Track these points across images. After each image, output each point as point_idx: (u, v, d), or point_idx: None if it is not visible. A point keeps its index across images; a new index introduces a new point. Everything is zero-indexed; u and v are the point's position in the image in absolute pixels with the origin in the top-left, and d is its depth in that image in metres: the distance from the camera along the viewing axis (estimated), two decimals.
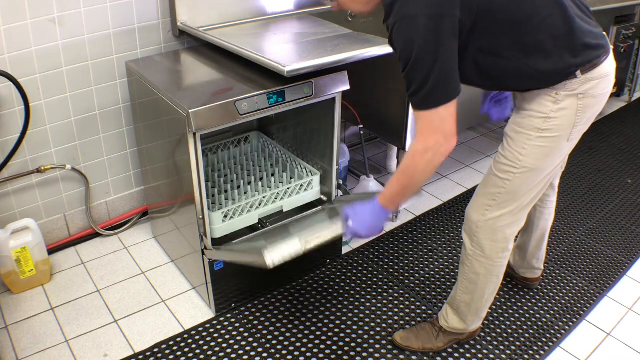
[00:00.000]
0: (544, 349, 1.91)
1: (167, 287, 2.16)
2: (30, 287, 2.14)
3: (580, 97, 1.41)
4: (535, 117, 1.44)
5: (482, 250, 1.64)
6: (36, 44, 1.98)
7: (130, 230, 2.49)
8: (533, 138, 1.46)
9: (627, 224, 2.62)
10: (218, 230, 1.92)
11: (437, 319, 1.90)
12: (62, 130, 2.18)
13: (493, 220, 1.59)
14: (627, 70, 3.67)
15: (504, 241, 1.62)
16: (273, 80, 1.83)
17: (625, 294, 2.19)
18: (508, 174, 1.52)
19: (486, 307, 1.80)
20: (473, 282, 1.71)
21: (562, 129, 1.44)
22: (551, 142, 1.46)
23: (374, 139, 3.25)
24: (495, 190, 1.56)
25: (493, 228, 1.60)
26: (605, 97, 1.47)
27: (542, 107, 1.43)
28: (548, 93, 1.41)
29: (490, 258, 1.65)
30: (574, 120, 1.43)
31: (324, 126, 2.08)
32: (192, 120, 1.65)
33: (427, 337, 1.87)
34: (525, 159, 1.48)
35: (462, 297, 1.76)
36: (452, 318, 1.83)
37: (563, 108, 1.41)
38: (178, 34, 2.25)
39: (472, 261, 1.68)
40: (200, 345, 1.89)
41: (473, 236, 1.65)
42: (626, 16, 3.40)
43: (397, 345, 1.89)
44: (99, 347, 1.88)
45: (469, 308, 1.77)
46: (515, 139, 1.50)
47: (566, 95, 1.40)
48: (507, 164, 1.52)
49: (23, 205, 2.20)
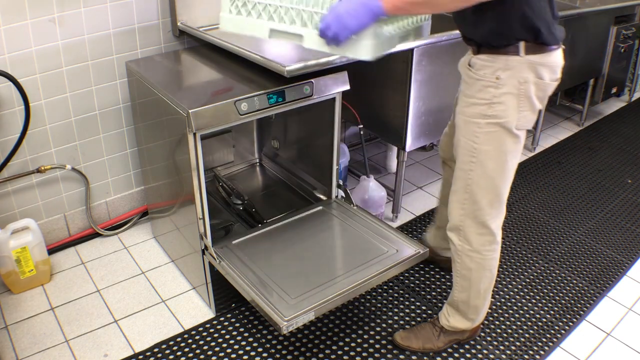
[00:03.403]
0: (544, 349, 1.91)
1: (167, 287, 2.16)
2: (30, 287, 2.14)
3: (521, 82, 1.42)
4: (480, 104, 1.46)
5: (470, 244, 1.66)
6: (36, 44, 1.98)
7: (130, 230, 2.49)
8: (482, 125, 1.47)
9: (627, 224, 2.62)
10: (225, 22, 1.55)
11: (437, 318, 1.90)
12: (62, 130, 2.18)
13: (473, 213, 1.61)
14: (627, 70, 3.67)
15: (489, 234, 1.64)
16: (273, 80, 1.83)
17: (625, 294, 2.19)
18: (469, 164, 1.54)
19: (485, 304, 1.80)
20: (466, 279, 1.72)
21: (507, 114, 1.45)
22: (500, 127, 1.46)
23: (374, 139, 3.25)
24: (464, 182, 1.59)
25: (476, 221, 1.62)
26: (549, 87, 1.47)
27: (484, 94, 1.45)
28: (489, 79, 1.43)
29: (479, 251, 1.66)
30: (517, 104, 1.44)
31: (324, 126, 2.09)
32: (192, 120, 1.65)
33: (428, 337, 1.87)
34: (480, 146, 1.50)
35: (459, 296, 1.78)
36: (453, 317, 1.84)
37: (505, 93, 1.43)
38: (178, 34, 2.25)
39: (462, 257, 1.70)
40: (200, 345, 1.89)
41: (459, 231, 1.67)
42: (626, 16, 3.40)
43: (397, 345, 1.89)
44: (99, 347, 1.88)
45: (467, 306, 1.78)
46: (464, 128, 1.53)
47: (507, 78, 1.41)
48: (465, 154, 1.54)
49: (23, 205, 2.20)
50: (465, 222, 1.64)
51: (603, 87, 3.49)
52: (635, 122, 3.76)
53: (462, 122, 1.54)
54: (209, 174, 2.47)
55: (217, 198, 2.38)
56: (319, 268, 1.82)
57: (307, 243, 1.96)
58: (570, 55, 3.05)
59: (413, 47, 2.08)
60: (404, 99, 2.21)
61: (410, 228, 2.55)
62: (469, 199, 1.60)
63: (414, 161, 3.15)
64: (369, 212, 2.12)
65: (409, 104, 2.21)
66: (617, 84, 3.62)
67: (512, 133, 1.48)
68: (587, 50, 3.22)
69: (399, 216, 2.61)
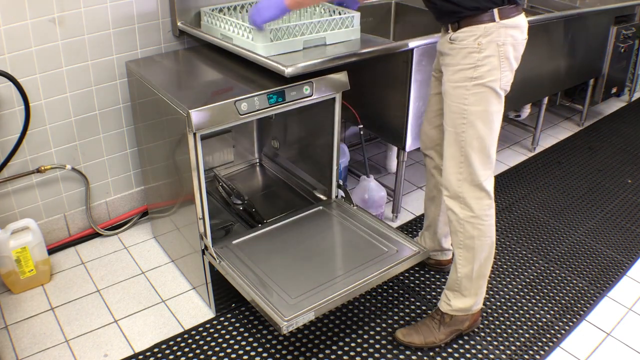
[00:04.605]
0: (544, 349, 1.91)
1: (167, 287, 2.16)
2: (30, 287, 2.14)
3: (499, 45, 1.59)
4: (466, 69, 1.62)
5: (472, 209, 1.73)
6: (36, 44, 1.98)
7: (130, 230, 2.49)
8: (470, 87, 1.62)
9: (627, 224, 2.62)
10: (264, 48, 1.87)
11: (436, 310, 1.91)
12: (62, 130, 2.18)
13: (470, 176, 1.70)
14: (627, 70, 3.67)
15: (487, 197, 1.73)
16: (273, 80, 1.83)
17: (625, 294, 2.19)
18: (461, 126, 1.67)
19: (485, 279, 1.85)
20: (469, 248, 1.77)
21: (491, 74, 1.61)
22: (486, 88, 1.62)
23: (374, 139, 3.25)
24: (458, 145, 1.70)
25: (473, 184, 1.71)
26: (521, 46, 1.66)
27: (469, 60, 1.61)
28: (472, 46, 1.59)
29: (480, 217, 1.74)
30: (499, 64, 1.60)
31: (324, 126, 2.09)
32: (192, 120, 1.65)
33: (429, 331, 1.88)
34: (470, 107, 1.64)
35: (463, 271, 1.81)
36: (454, 300, 1.86)
37: (487, 56, 1.59)
38: (178, 34, 2.25)
39: (465, 225, 1.75)
40: (200, 345, 1.89)
41: (459, 198, 1.74)
42: (626, 16, 3.40)
43: (399, 341, 1.89)
44: (99, 347, 1.88)
45: (470, 280, 1.82)
46: (453, 93, 1.66)
47: (488, 43, 1.58)
48: (456, 117, 1.67)
49: (23, 205, 2.20)
50: (463, 187, 1.72)
51: (603, 87, 3.49)
52: (635, 122, 3.76)
53: (450, 89, 1.67)
54: (209, 174, 2.48)
55: (217, 198, 2.38)
56: (319, 268, 1.83)
57: (307, 243, 1.96)
58: (570, 55, 3.06)
59: (413, 47, 2.08)
60: (404, 99, 2.21)
61: (410, 228, 2.55)
62: (464, 162, 1.69)
63: (414, 161, 3.15)
64: (369, 212, 2.12)
65: (409, 104, 2.21)
66: (617, 84, 3.62)
67: (496, 92, 1.63)
68: (587, 50, 3.22)
69: (399, 216, 2.61)
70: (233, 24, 1.97)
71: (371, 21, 2.74)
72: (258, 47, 1.86)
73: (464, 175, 1.71)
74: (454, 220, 1.78)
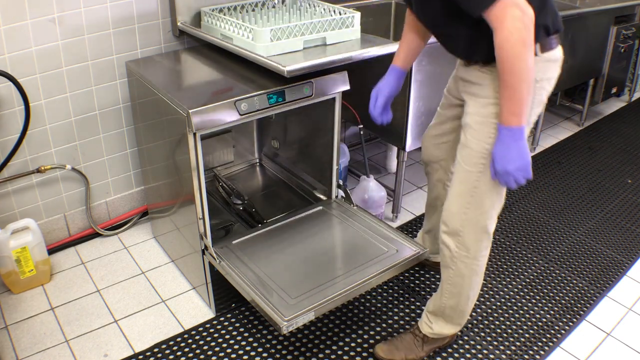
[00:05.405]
0: (544, 349, 1.91)
1: (167, 287, 2.16)
2: (30, 287, 2.14)
3: (537, 80, 1.43)
4: (497, 104, 1.43)
5: (468, 250, 1.62)
6: (36, 44, 1.98)
7: (130, 230, 2.49)
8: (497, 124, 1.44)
9: (627, 224, 2.62)
10: (264, 48, 1.85)
11: (417, 327, 1.86)
12: (62, 130, 2.18)
13: (476, 218, 1.57)
14: (627, 70, 3.67)
15: (487, 239, 1.62)
16: (273, 80, 1.83)
17: (625, 294, 2.19)
18: (478, 165, 1.51)
19: (471, 306, 1.78)
20: (458, 286, 1.69)
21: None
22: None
23: (374, 139, 3.25)
24: (470, 185, 1.55)
25: (477, 226, 1.59)
26: (554, 81, 1.51)
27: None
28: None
29: (476, 258, 1.63)
30: (531, 100, 1.43)
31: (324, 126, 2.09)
32: (192, 120, 1.65)
33: (410, 348, 1.83)
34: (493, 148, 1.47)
35: (448, 302, 1.74)
36: (436, 324, 1.80)
37: None
38: (178, 34, 2.25)
39: (457, 263, 1.65)
40: (200, 345, 1.89)
41: (458, 237, 1.62)
42: (626, 16, 3.40)
43: (380, 358, 1.84)
44: (99, 347, 1.88)
45: (454, 311, 1.76)
46: (479, 129, 1.49)
47: None
48: (475, 156, 1.51)
49: (23, 205, 2.20)
50: (466, 228, 1.60)
51: (603, 87, 3.49)
52: (635, 122, 3.76)
53: (475, 123, 1.51)
54: (209, 174, 2.48)
55: (217, 198, 2.38)
56: (319, 268, 1.82)
57: (307, 243, 1.96)
58: (570, 55, 3.06)
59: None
60: (404, 99, 2.21)
61: (410, 228, 2.55)
62: (473, 203, 1.56)
63: (414, 161, 3.15)
64: (369, 212, 2.12)
65: (409, 104, 2.21)
66: (617, 84, 3.62)
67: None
68: (587, 50, 3.22)
69: (398, 216, 2.61)
70: (233, 24, 1.97)
71: (371, 21, 2.73)
72: (258, 47, 1.85)
73: (469, 216, 1.58)
74: (447, 256, 1.67)
